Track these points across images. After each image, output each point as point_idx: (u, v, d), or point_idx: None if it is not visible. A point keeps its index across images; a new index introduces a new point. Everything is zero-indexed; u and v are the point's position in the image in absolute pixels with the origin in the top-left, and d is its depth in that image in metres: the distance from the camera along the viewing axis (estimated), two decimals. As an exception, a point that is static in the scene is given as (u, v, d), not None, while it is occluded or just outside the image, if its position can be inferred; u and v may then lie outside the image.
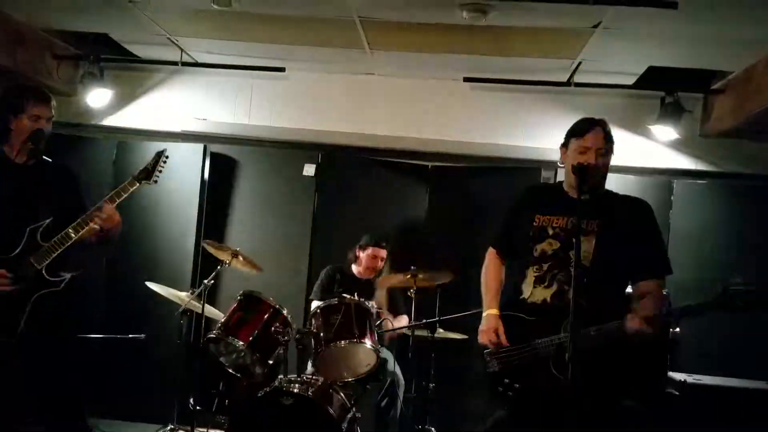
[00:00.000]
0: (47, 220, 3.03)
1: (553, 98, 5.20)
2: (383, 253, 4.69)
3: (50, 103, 3.18)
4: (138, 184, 3.11)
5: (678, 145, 5.09)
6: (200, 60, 5.34)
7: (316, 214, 5.41)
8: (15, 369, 3.04)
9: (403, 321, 4.64)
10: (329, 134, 5.42)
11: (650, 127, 4.97)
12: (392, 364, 4.52)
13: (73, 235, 2.99)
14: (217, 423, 3.97)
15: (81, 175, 3.36)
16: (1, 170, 3.09)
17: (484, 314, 2.88)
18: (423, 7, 3.97)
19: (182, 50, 5.17)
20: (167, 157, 3.20)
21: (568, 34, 4.21)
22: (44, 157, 3.20)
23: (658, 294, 2.68)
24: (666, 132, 4.90)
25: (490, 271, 3.02)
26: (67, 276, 3.05)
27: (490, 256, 3.06)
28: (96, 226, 2.99)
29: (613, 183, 2.89)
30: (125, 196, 3.07)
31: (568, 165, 2.78)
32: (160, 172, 3.17)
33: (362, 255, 4.73)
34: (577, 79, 4.93)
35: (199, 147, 5.43)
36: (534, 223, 2.82)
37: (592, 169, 2.64)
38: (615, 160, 2.84)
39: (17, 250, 2.98)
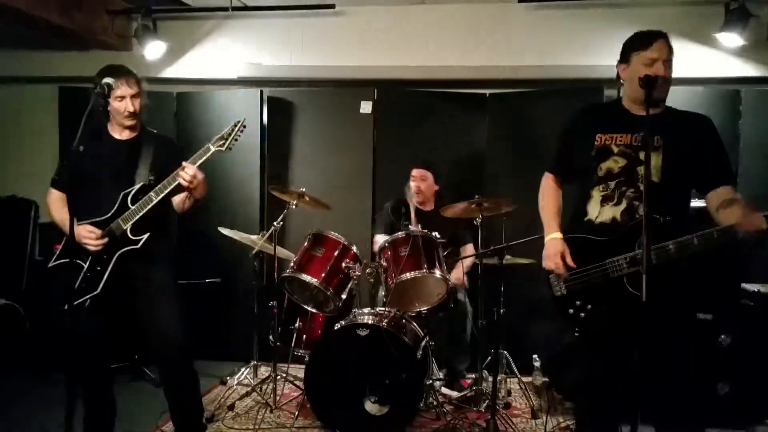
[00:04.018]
0: (138, 185, 3.19)
1: (612, 12, 5.02)
2: (423, 173, 4.64)
3: (129, 80, 3.18)
4: (212, 150, 3.13)
5: (745, 52, 4.89)
6: (250, 3, 5.34)
7: (376, 151, 5.44)
8: (102, 321, 3.24)
9: (468, 250, 4.67)
10: (383, 69, 5.37)
11: (715, 35, 4.77)
12: (462, 294, 4.58)
13: (154, 197, 3.13)
14: (296, 357, 4.12)
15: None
16: (104, 145, 3.26)
17: (546, 239, 2.85)
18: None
19: (231, -6, 5.18)
20: (245, 127, 3.20)
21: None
22: (148, 129, 3.37)
23: (739, 198, 2.58)
24: (732, 39, 4.71)
25: (548, 195, 2.97)
26: (144, 236, 3.18)
27: (547, 180, 3.01)
28: (184, 183, 3.06)
29: (680, 95, 2.82)
30: (201, 161, 3.11)
31: (631, 80, 2.71)
32: (236, 140, 3.17)
33: (410, 182, 4.72)
34: (636, -11, 4.75)
35: (255, 92, 5.49)
36: (596, 143, 2.77)
37: (661, 81, 2.57)
38: (680, 72, 2.76)
39: (109, 213, 3.17)
